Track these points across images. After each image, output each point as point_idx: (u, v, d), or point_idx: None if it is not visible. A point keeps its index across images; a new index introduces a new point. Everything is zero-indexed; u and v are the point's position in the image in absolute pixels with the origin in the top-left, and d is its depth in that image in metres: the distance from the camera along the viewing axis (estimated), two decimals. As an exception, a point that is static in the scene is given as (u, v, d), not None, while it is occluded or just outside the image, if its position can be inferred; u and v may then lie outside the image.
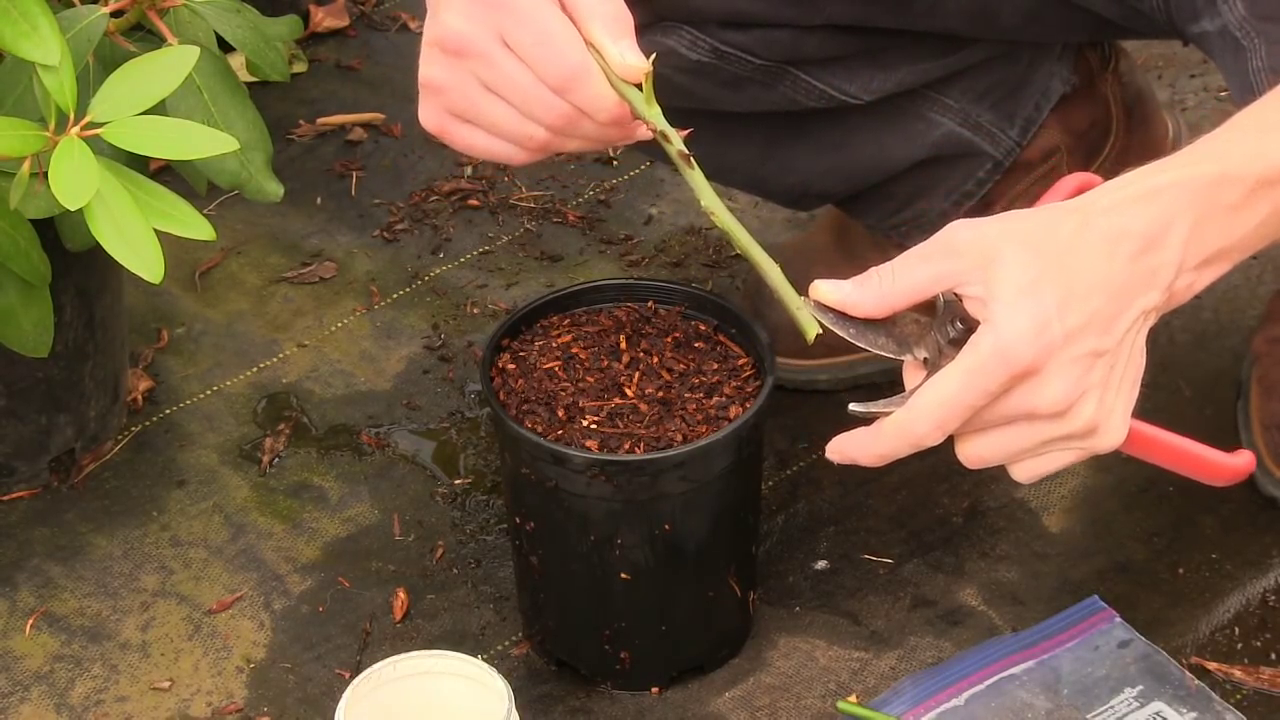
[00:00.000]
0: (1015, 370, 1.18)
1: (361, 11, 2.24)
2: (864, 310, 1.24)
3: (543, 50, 1.23)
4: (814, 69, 1.58)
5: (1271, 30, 1.33)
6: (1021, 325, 1.18)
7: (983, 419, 1.22)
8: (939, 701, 1.46)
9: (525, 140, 1.27)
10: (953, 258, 1.20)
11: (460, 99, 1.27)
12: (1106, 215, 1.20)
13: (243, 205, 1.94)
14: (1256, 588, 1.56)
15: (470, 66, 1.26)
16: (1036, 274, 1.18)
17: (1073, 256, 1.19)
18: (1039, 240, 1.19)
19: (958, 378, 1.19)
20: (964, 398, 1.20)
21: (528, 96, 1.25)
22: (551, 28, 1.23)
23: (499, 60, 1.24)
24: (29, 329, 1.49)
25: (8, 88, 1.41)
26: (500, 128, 1.27)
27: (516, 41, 1.24)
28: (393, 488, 1.67)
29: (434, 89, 1.28)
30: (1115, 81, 1.74)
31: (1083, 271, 1.19)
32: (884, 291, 1.23)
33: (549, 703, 1.49)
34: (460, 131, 1.29)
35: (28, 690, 1.51)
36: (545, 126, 1.26)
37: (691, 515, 1.41)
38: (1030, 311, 1.18)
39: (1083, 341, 1.19)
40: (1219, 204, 1.21)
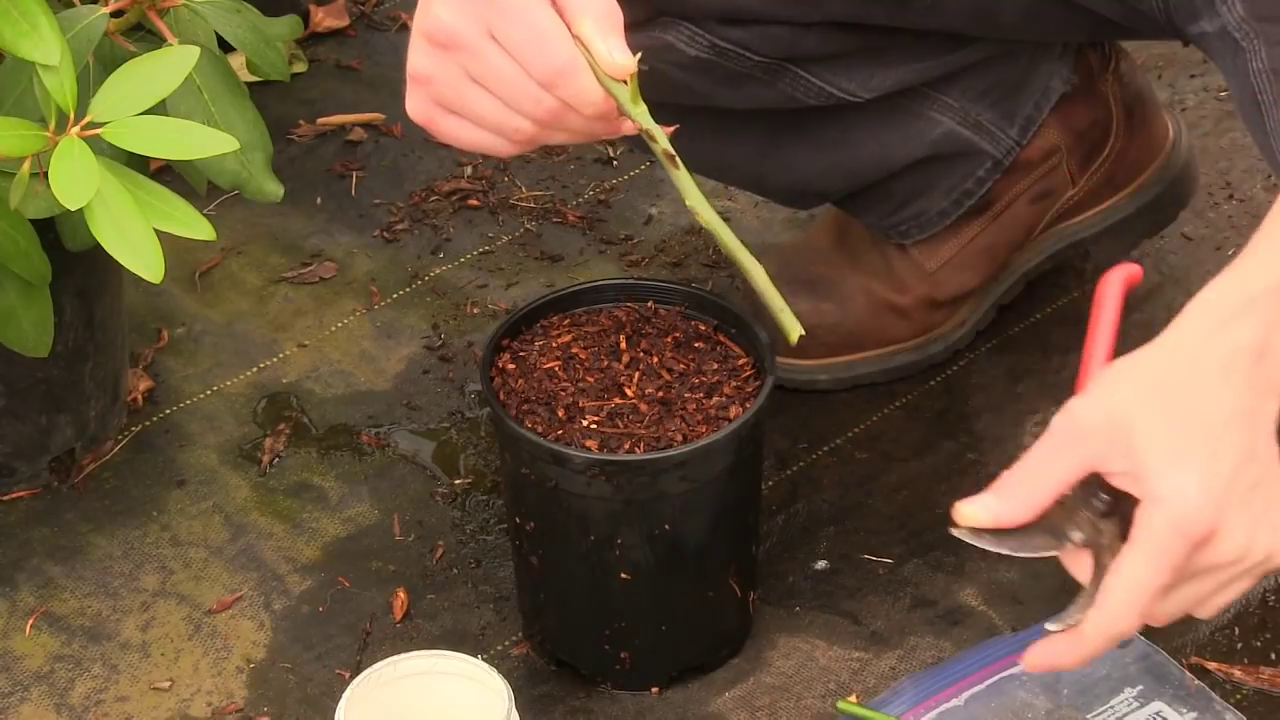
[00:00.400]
0: (1195, 539, 1.16)
1: (361, 11, 2.24)
2: (1016, 521, 1.21)
3: (530, 45, 1.23)
4: (813, 66, 1.58)
5: (1271, 31, 1.33)
6: (1189, 494, 1.15)
7: (1167, 589, 1.20)
8: (939, 701, 1.46)
9: (511, 133, 1.27)
10: (1086, 443, 1.18)
11: (447, 90, 1.27)
12: (1211, 341, 1.18)
13: (243, 205, 1.93)
14: (1256, 588, 1.55)
15: (457, 59, 1.26)
16: (1179, 435, 1.15)
17: (1200, 400, 1.16)
18: (1163, 395, 1.16)
19: (1143, 562, 1.17)
20: (1154, 581, 1.17)
21: (514, 90, 1.25)
22: (540, 23, 1.23)
23: (486, 54, 1.24)
24: (29, 329, 1.49)
25: (8, 88, 1.41)
26: (486, 120, 1.27)
27: (504, 35, 1.24)
28: (393, 488, 1.67)
29: (421, 80, 1.29)
30: (1115, 82, 1.74)
31: (1215, 413, 1.16)
32: (1030, 497, 1.20)
33: (549, 703, 1.49)
34: (446, 123, 1.29)
35: (28, 690, 1.51)
36: (531, 120, 1.26)
37: (691, 515, 1.41)
38: (1192, 476, 1.15)
39: (1242, 480, 1.17)
40: None
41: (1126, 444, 1.17)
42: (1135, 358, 1.20)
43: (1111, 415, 1.18)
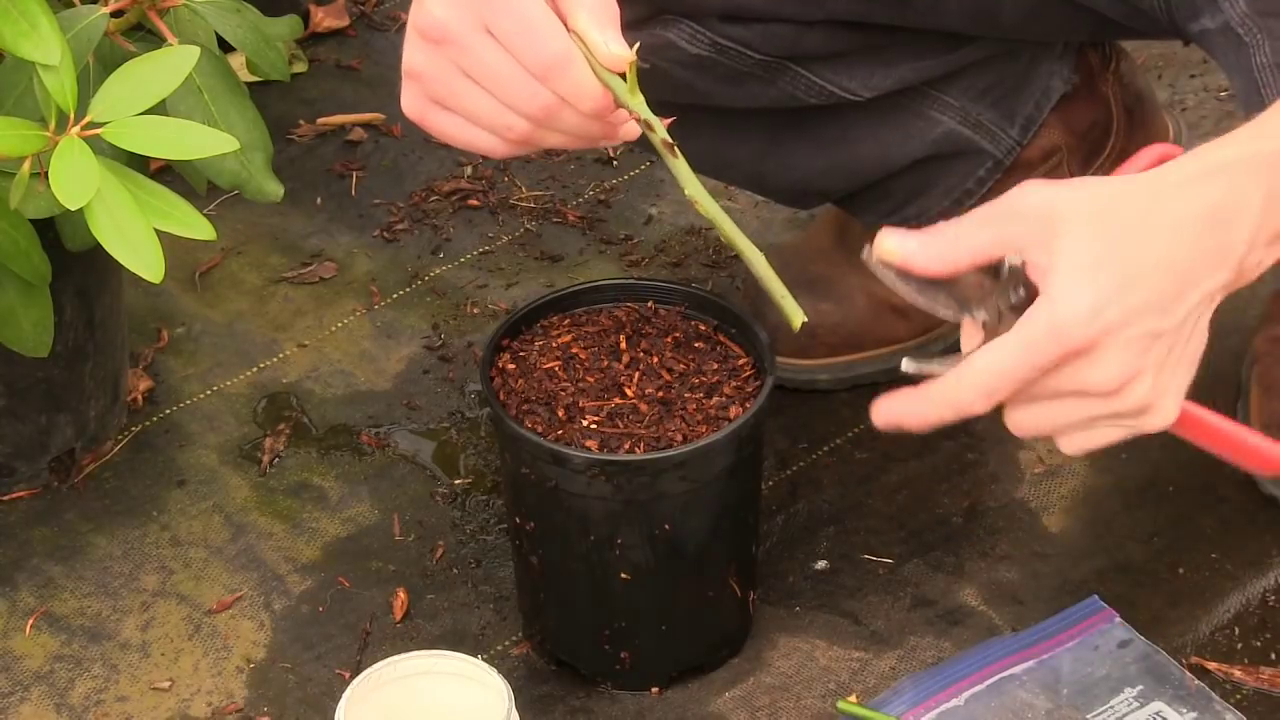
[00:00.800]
0: (1068, 348, 1.16)
1: (361, 11, 2.24)
2: (924, 268, 1.21)
3: (525, 38, 1.22)
4: (814, 65, 1.58)
5: (1274, 25, 1.33)
6: (1079, 304, 1.16)
7: (1033, 391, 1.20)
8: (939, 701, 1.46)
9: (504, 130, 1.26)
10: (1018, 221, 1.18)
11: (440, 86, 1.27)
12: (1177, 191, 1.18)
13: (243, 205, 1.94)
14: (1256, 587, 1.56)
15: (451, 54, 1.25)
16: (1100, 252, 1.16)
17: (1139, 234, 1.17)
18: (1106, 214, 1.17)
19: (1010, 350, 1.17)
20: (1015, 371, 1.18)
21: (509, 85, 1.24)
22: (532, 15, 1.22)
23: (480, 48, 1.23)
24: (29, 329, 1.49)
25: (8, 88, 1.41)
26: (480, 117, 1.26)
27: (499, 29, 1.23)
28: (393, 488, 1.67)
29: (415, 76, 1.29)
30: (1116, 82, 1.74)
31: (1148, 251, 1.17)
32: (946, 250, 1.20)
33: (549, 703, 1.49)
34: (440, 119, 1.29)
35: (28, 690, 1.51)
36: (526, 116, 1.25)
37: (691, 515, 1.41)
38: (1089, 291, 1.16)
39: (1141, 323, 1.17)
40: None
41: (1050, 239, 1.17)
42: (1106, 179, 1.20)
43: (1051, 208, 1.18)
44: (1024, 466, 1.67)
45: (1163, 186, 1.19)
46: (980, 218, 1.20)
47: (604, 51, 1.23)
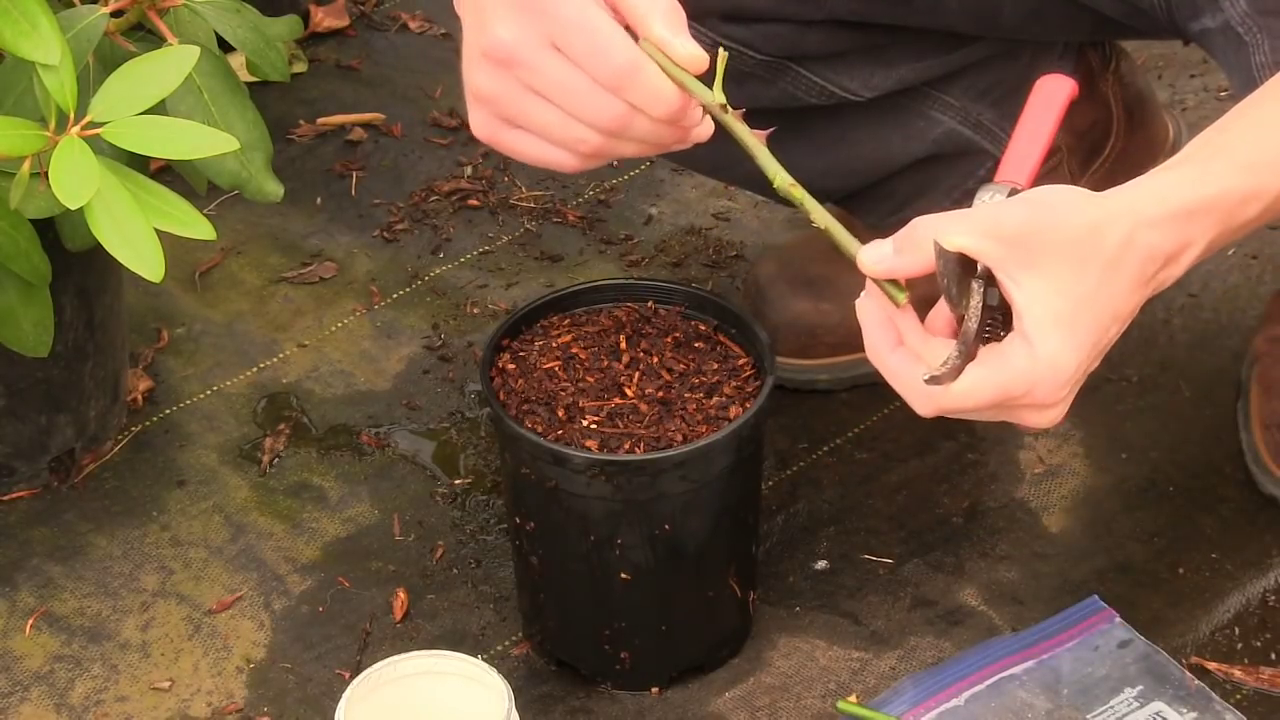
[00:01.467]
0: (1037, 402, 1.19)
1: (361, 11, 2.24)
2: (909, 275, 1.22)
3: (593, 50, 1.22)
4: (815, 65, 1.58)
5: (1274, 25, 1.33)
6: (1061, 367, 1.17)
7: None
8: (939, 701, 1.46)
9: (577, 144, 1.26)
10: (995, 242, 1.18)
11: (510, 106, 1.27)
12: (1148, 232, 1.19)
13: (243, 205, 1.94)
14: (1256, 588, 1.56)
15: (519, 74, 1.25)
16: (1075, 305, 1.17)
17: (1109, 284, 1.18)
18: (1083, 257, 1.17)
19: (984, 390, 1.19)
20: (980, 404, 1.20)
21: (580, 98, 1.24)
22: (600, 27, 1.23)
23: (548, 65, 1.24)
24: (29, 329, 1.49)
25: (8, 87, 1.41)
26: (551, 133, 1.26)
27: (566, 44, 1.23)
28: (393, 488, 1.67)
29: (483, 99, 1.28)
30: (1116, 82, 1.74)
31: (1113, 302, 1.19)
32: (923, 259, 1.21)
33: (549, 703, 1.49)
34: (511, 138, 1.29)
35: (28, 690, 1.51)
36: (598, 129, 1.25)
37: (691, 515, 1.41)
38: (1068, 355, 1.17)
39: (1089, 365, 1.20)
40: (1238, 222, 1.22)
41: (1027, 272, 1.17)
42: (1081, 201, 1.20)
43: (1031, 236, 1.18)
44: (1024, 466, 1.67)
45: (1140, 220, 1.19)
46: (960, 224, 1.20)
47: (683, 54, 1.24)
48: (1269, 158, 1.22)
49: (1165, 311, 1.79)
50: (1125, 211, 1.20)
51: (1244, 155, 1.23)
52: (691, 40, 1.24)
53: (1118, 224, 1.19)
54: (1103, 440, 1.68)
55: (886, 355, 1.23)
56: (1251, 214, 1.22)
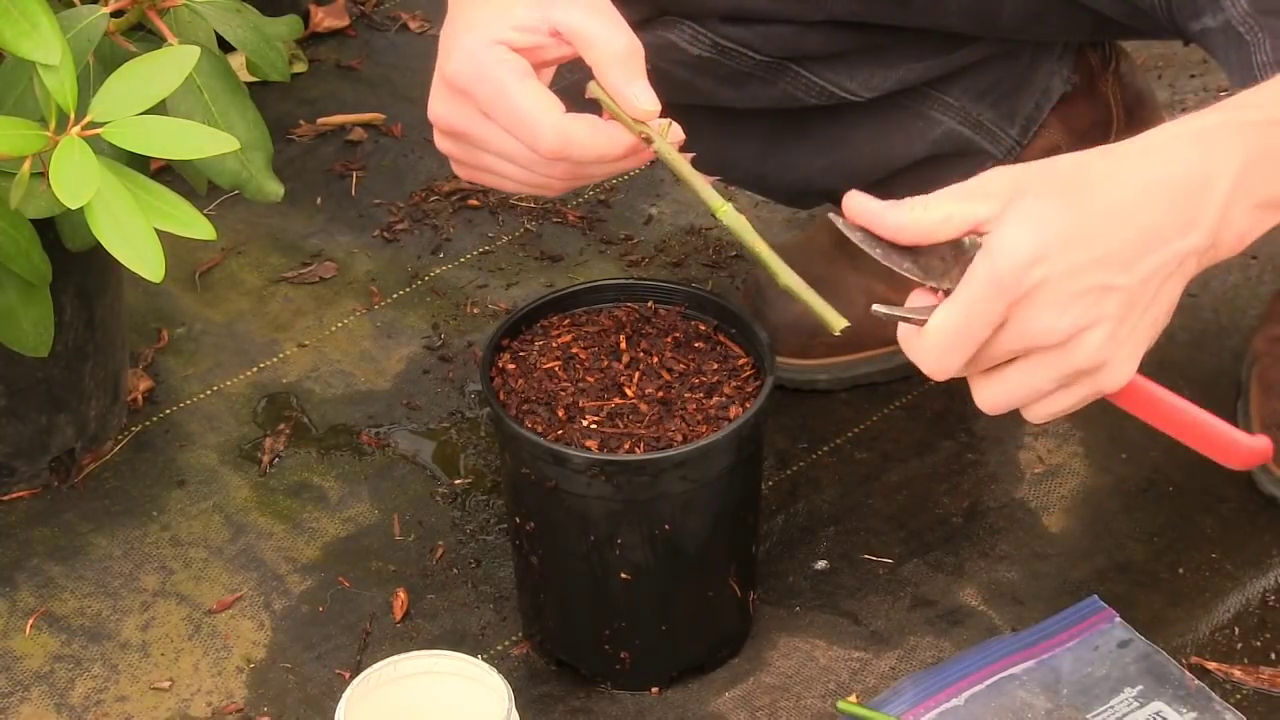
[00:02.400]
0: (1010, 297, 1.16)
1: (361, 11, 2.24)
2: (887, 232, 1.22)
3: (521, 129, 1.26)
4: (815, 65, 1.58)
5: (1275, 24, 1.33)
6: (1016, 251, 1.15)
7: (989, 355, 1.20)
8: (939, 701, 1.46)
9: (544, 187, 1.31)
10: (984, 200, 1.18)
11: (472, 162, 1.31)
12: (1145, 157, 1.18)
13: (243, 205, 1.94)
14: (1256, 588, 1.56)
15: (467, 141, 1.29)
16: (1052, 204, 1.16)
17: (1095, 193, 1.17)
18: (1068, 182, 1.17)
19: (955, 309, 1.18)
20: (964, 328, 1.18)
21: (527, 161, 1.28)
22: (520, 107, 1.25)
23: (487, 135, 1.28)
24: (29, 329, 1.49)
25: (8, 87, 1.41)
26: (517, 179, 1.30)
27: (497, 118, 1.27)
28: (393, 488, 1.67)
29: (448, 155, 1.33)
30: (1116, 82, 1.74)
31: (1104, 209, 1.16)
32: (911, 220, 1.20)
33: (549, 703, 1.49)
34: (487, 180, 1.33)
35: (28, 690, 1.51)
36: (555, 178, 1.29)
37: (691, 515, 1.41)
38: (1028, 238, 1.15)
39: (1091, 275, 1.16)
40: (1270, 148, 1.18)
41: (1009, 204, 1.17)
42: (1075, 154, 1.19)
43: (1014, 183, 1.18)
44: (1024, 466, 1.67)
45: (1129, 153, 1.19)
46: (949, 194, 1.20)
47: (634, 107, 1.26)
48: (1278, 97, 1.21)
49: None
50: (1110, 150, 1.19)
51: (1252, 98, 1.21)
52: (646, 87, 1.26)
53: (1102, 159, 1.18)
54: (1103, 440, 1.68)
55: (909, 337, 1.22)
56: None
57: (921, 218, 1.20)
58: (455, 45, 1.27)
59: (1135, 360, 1.21)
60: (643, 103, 1.26)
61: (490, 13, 1.28)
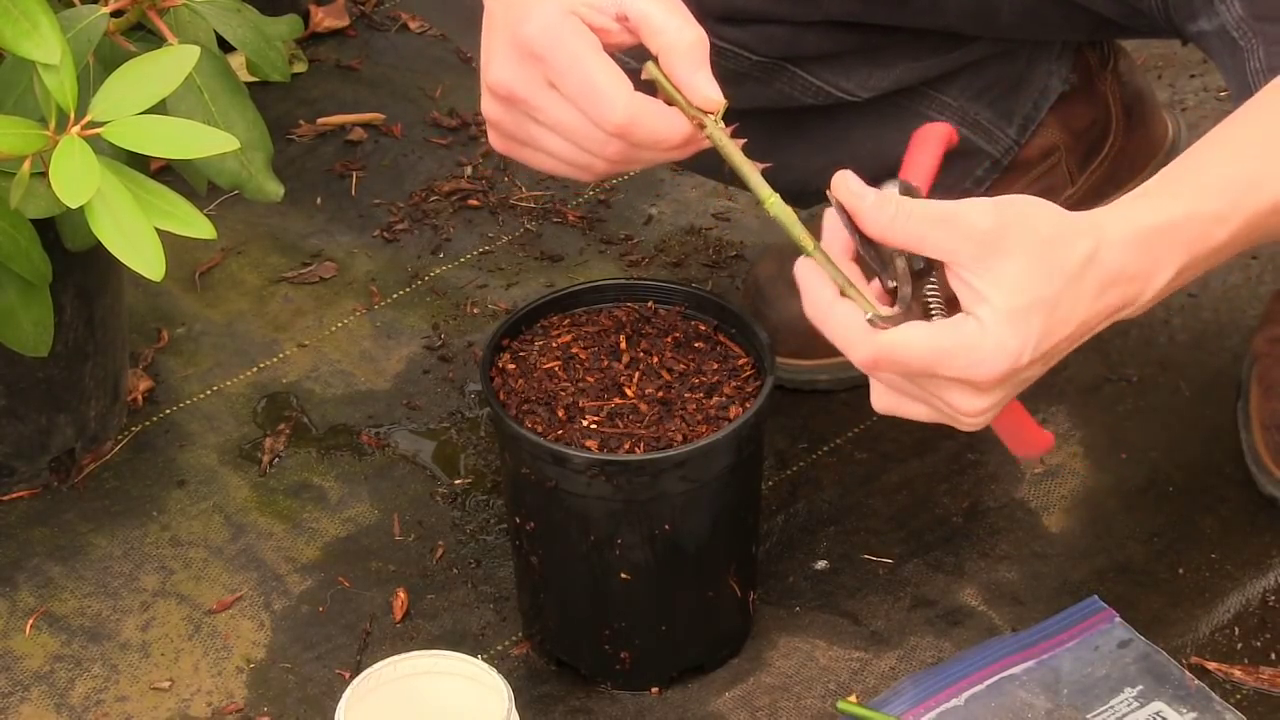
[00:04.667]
0: (973, 379, 1.20)
1: (361, 11, 2.24)
2: (863, 227, 1.23)
3: (588, 100, 1.26)
4: (812, 65, 1.58)
5: (1269, 30, 1.34)
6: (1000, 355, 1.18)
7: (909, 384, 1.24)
8: (939, 701, 1.46)
9: (586, 170, 1.30)
10: (963, 240, 1.19)
11: (519, 132, 1.30)
12: (1113, 252, 1.20)
13: (243, 205, 1.94)
14: (1256, 588, 1.56)
15: (523, 108, 1.29)
16: (1030, 299, 1.18)
17: (1069, 292, 1.19)
18: (1048, 259, 1.19)
19: (924, 349, 1.20)
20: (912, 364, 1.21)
21: (580, 135, 1.28)
22: (595, 79, 1.25)
23: (547, 104, 1.27)
24: (29, 329, 1.49)
25: (8, 87, 1.41)
26: (560, 156, 1.30)
27: (564, 88, 1.26)
28: (393, 488, 1.67)
29: (493, 123, 1.32)
30: (1115, 81, 1.74)
31: (1071, 310, 1.20)
32: (889, 224, 1.22)
33: (549, 703, 1.49)
34: (525, 154, 1.32)
35: (28, 690, 1.51)
36: (605, 159, 1.28)
37: (691, 515, 1.41)
38: (1014, 346, 1.18)
39: (1030, 372, 1.21)
40: (1209, 246, 1.23)
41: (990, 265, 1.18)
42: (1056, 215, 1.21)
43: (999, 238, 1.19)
44: (1024, 466, 1.67)
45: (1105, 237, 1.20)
46: (930, 217, 1.21)
47: (700, 95, 1.26)
48: (1237, 182, 1.23)
49: (1165, 311, 1.80)
50: (1092, 228, 1.21)
51: (1213, 179, 1.23)
52: (710, 79, 1.27)
53: (1085, 238, 1.20)
54: (1103, 440, 1.68)
55: (830, 304, 1.23)
56: (1221, 238, 1.23)
57: (900, 227, 1.21)
58: (530, 11, 1.26)
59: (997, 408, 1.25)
60: (708, 92, 1.26)
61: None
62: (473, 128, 2.06)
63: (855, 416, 1.71)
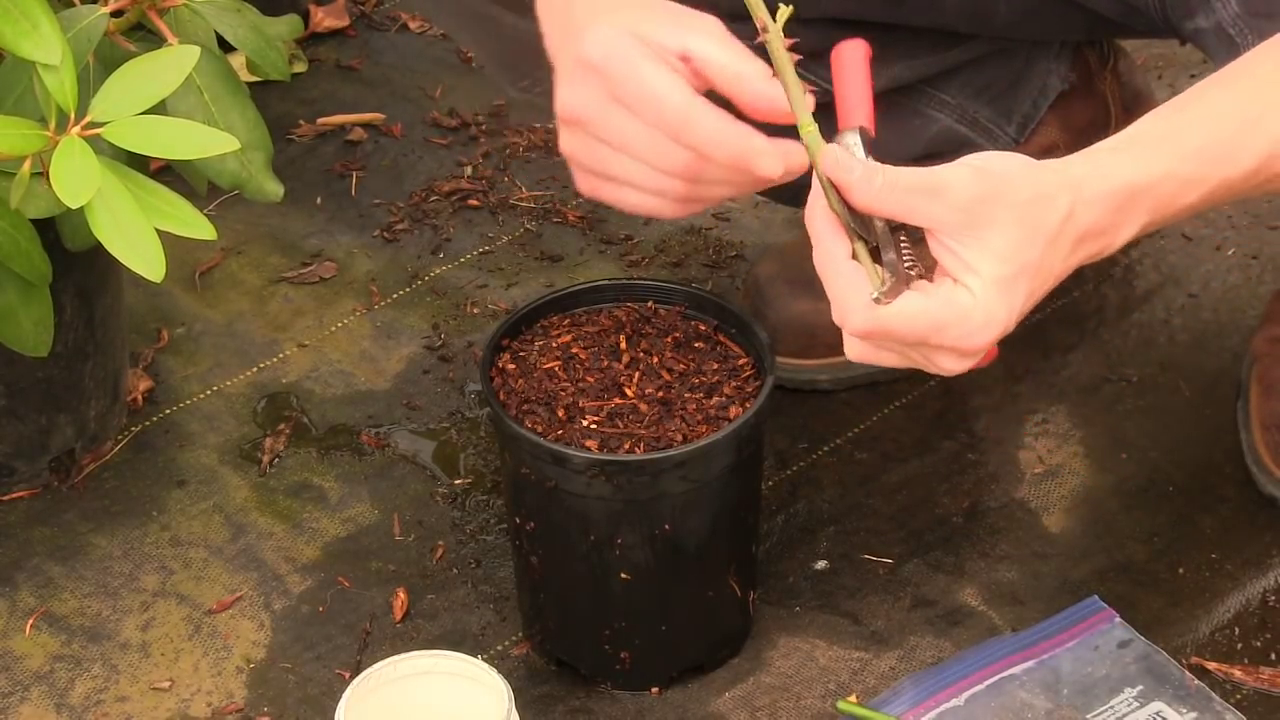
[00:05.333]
0: (963, 348, 1.22)
1: (361, 11, 2.24)
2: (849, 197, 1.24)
3: (646, 102, 1.27)
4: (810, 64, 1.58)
5: (1265, 27, 1.34)
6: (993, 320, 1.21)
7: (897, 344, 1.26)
8: (939, 701, 1.46)
9: (662, 193, 1.31)
10: (949, 211, 1.21)
11: (592, 161, 1.32)
12: (1090, 209, 1.22)
13: (243, 205, 1.94)
14: (1256, 588, 1.56)
15: (591, 130, 1.30)
16: (1019, 268, 1.21)
17: (1049, 253, 1.22)
18: (1030, 227, 1.21)
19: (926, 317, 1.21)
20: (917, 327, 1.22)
21: (647, 149, 1.28)
22: (649, 79, 1.27)
23: (613, 118, 1.28)
24: (29, 329, 1.49)
25: (8, 87, 1.41)
26: (635, 181, 1.31)
27: (625, 97, 1.28)
28: (393, 488, 1.67)
29: (572, 160, 1.33)
30: (1114, 80, 1.74)
31: (1049, 269, 1.22)
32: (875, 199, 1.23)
33: (549, 703, 1.49)
34: (607, 190, 1.33)
35: (28, 690, 1.51)
36: (675, 175, 1.29)
37: (691, 515, 1.41)
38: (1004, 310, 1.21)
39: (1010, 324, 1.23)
40: (1180, 205, 1.25)
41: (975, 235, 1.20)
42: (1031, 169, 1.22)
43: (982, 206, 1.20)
44: (1024, 466, 1.67)
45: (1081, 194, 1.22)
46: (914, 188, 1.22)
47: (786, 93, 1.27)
48: (1213, 148, 1.25)
49: (1165, 311, 1.80)
50: (1069, 185, 1.22)
51: (1191, 142, 1.25)
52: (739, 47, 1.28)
53: (1062, 197, 1.22)
54: (1103, 440, 1.68)
55: (841, 263, 1.24)
56: (1190, 200, 1.25)
57: (888, 198, 1.23)
58: (589, 31, 1.28)
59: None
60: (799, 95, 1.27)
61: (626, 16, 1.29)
62: (473, 128, 2.06)
63: (855, 416, 1.72)
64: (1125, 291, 1.82)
